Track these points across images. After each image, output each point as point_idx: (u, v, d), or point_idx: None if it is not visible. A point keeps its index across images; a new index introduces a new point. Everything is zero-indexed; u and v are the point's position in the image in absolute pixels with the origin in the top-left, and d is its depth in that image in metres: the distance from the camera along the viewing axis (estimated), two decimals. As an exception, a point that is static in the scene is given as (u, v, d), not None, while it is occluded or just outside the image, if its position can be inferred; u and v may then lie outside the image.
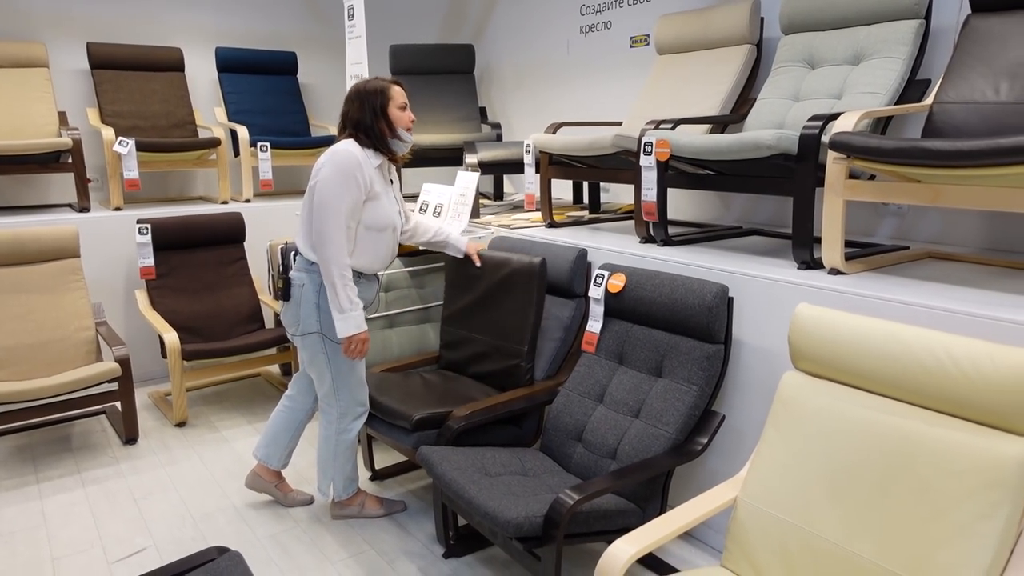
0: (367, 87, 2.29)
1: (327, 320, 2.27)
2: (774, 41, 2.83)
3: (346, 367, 2.33)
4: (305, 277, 2.27)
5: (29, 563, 2.28)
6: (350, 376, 2.35)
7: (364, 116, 2.27)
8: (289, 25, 4.90)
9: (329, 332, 2.28)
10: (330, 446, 2.40)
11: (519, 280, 2.54)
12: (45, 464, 2.97)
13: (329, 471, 2.43)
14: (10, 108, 3.75)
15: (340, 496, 2.46)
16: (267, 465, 2.56)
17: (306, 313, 2.28)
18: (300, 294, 2.27)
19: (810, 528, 1.55)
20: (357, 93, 2.29)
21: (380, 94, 2.27)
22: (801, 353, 1.71)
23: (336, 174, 2.18)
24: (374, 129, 2.27)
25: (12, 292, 3.11)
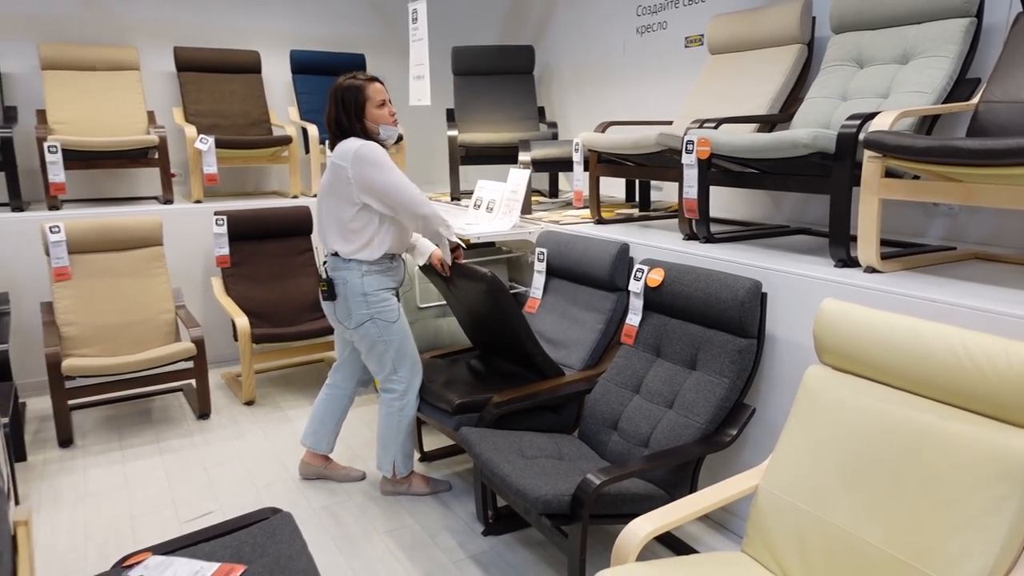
0: (344, 86, 2.37)
1: (376, 305, 2.43)
2: (825, 40, 2.83)
3: (403, 344, 2.49)
4: (346, 274, 2.43)
5: (112, 519, 2.52)
6: (406, 353, 2.51)
7: (342, 117, 2.38)
8: (358, 28, 5.13)
9: (381, 315, 2.44)
10: (392, 424, 2.55)
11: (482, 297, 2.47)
12: (128, 433, 3.25)
13: (391, 449, 2.58)
14: (106, 108, 4.08)
15: (401, 472, 2.61)
16: (316, 451, 2.74)
17: (356, 305, 2.43)
18: (345, 290, 2.43)
19: (825, 516, 1.60)
20: (333, 94, 2.39)
21: (360, 91, 2.37)
22: (825, 347, 1.75)
23: (374, 164, 2.33)
24: (353, 129, 2.39)
25: (103, 276, 3.40)
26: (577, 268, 2.75)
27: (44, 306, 3.33)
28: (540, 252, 2.93)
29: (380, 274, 2.45)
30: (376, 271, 2.44)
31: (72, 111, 3.99)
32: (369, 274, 2.43)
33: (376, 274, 2.44)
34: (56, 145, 3.66)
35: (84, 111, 4.02)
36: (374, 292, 2.43)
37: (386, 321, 2.46)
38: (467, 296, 2.57)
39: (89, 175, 4.37)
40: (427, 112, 5.44)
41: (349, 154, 2.34)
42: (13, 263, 3.57)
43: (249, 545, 1.67)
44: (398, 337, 2.49)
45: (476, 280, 2.40)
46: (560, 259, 2.84)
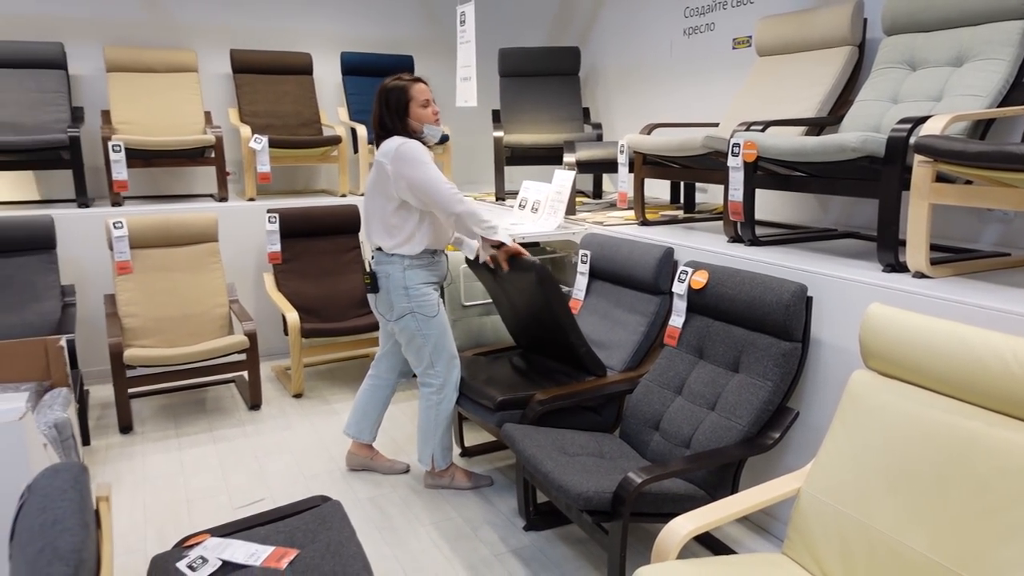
0: (388, 87, 2.47)
1: (416, 299, 2.51)
2: (876, 42, 2.80)
3: (441, 339, 2.56)
4: (388, 268, 2.50)
5: (169, 503, 2.64)
6: (444, 348, 2.57)
7: (386, 116, 2.47)
8: (406, 30, 5.22)
9: (420, 309, 2.52)
10: (431, 417, 2.62)
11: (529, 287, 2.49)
12: (184, 422, 3.38)
13: (431, 442, 2.65)
14: (166, 108, 4.25)
15: (440, 465, 2.67)
16: (359, 440, 2.82)
17: (397, 298, 2.51)
18: (388, 283, 2.51)
19: (868, 520, 1.60)
20: (380, 93, 2.48)
21: (404, 92, 2.46)
22: (871, 352, 1.75)
23: (413, 162, 2.39)
24: (396, 128, 2.48)
25: (161, 270, 3.55)
26: (621, 270, 2.77)
27: (107, 298, 3.49)
28: (584, 254, 2.96)
29: (421, 268, 2.52)
30: (417, 266, 2.51)
31: (134, 111, 4.16)
32: (411, 268, 2.50)
33: (417, 268, 2.51)
34: (120, 144, 3.82)
35: (146, 111, 4.19)
36: (415, 286, 2.50)
37: (425, 315, 2.53)
38: (513, 288, 2.61)
39: (149, 173, 4.55)
40: (473, 113, 5.51)
41: (391, 152, 2.42)
42: (79, 257, 3.75)
43: (301, 531, 1.74)
44: (436, 331, 2.55)
45: (524, 270, 2.44)
46: (604, 261, 2.87)
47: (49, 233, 3.36)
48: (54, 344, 2.45)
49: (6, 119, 3.86)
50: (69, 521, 0.85)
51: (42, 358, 2.41)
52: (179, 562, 1.62)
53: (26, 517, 0.90)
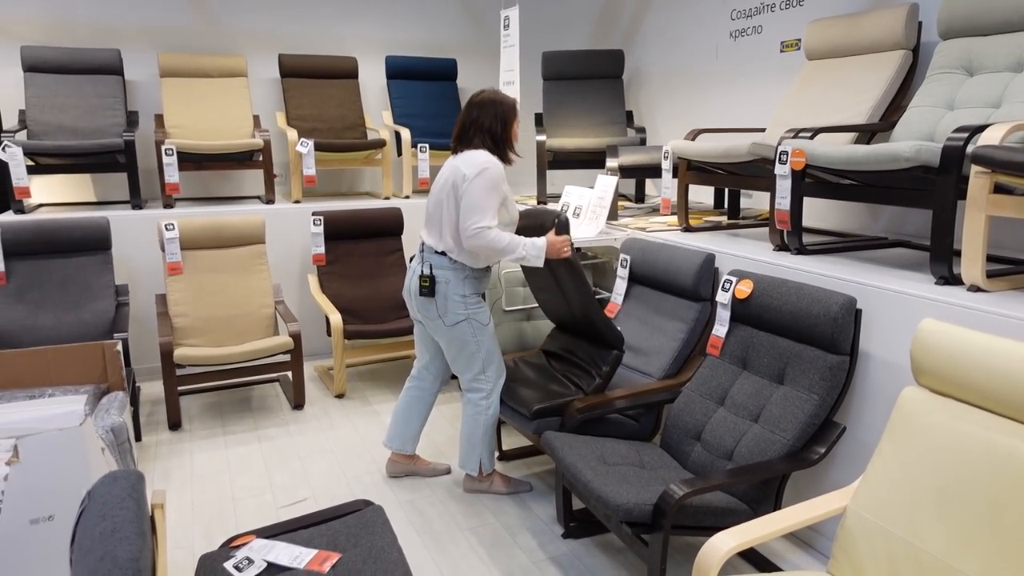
0: (502, 100, 2.51)
1: (473, 307, 2.53)
2: (932, 46, 2.72)
3: (491, 346, 2.58)
4: (449, 274, 2.51)
5: (215, 500, 2.71)
6: (494, 354, 2.60)
7: (495, 125, 2.50)
8: (450, 34, 5.26)
9: (476, 316, 2.54)
10: (479, 423, 2.63)
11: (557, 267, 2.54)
12: (230, 420, 3.46)
13: (477, 448, 2.65)
14: (216, 113, 4.35)
15: (487, 469, 2.69)
16: (403, 452, 2.84)
17: (453, 305, 2.52)
18: (446, 289, 2.52)
19: (917, 542, 1.56)
20: (493, 103, 2.50)
21: (511, 110, 2.53)
22: (922, 368, 1.70)
23: (487, 184, 2.41)
24: (501, 138, 2.51)
25: (210, 271, 3.64)
26: (661, 276, 2.75)
27: (158, 298, 3.59)
28: (624, 258, 2.94)
29: (478, 280, 2.57)
30: (475, 276, 2.55)
31: (186, 116, 4.28)
32: (469, 278, 2.53)
33: (475, 279, 2.55)
34: (172, 148, 3.93)
35: (197, 116, 4.30)
36: (471, 295, 2.54)
37: (480, 323, 2.55)
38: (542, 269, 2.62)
39: (199, 175, 4.67)
40: (515, 115, 5.51)
41: (479, 164, 2.43)
42: (132, 257, 3.87)
43: (344, 535, 1.77)
44: (488, 339, 2.58)
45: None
46: (644, 266, 2.85)
47: (105, 234, 3.48)
48: (111, 348, 2.53)
49: (66, 123, 4.01)
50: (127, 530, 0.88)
51: (100, 361, 2.50)
52: (226, 562, 1.66)
53: (86, 523, 0.94)
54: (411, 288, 2.60)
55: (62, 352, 2.50)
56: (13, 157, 3.63)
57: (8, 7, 4.15)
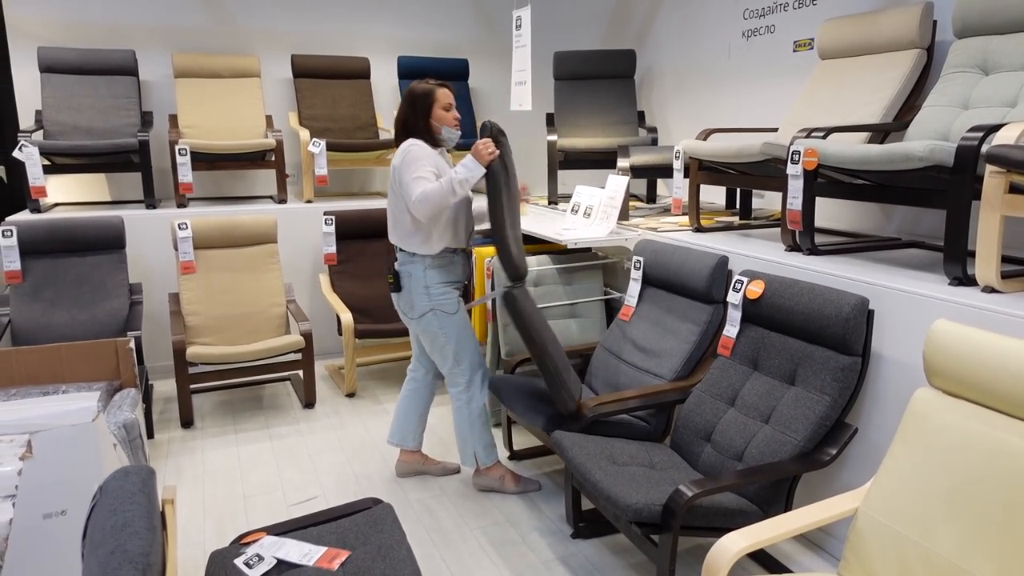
0: (415, 89, 2.54)
1: (437, 297, 2.56)
2: (946, 45, 2.70)
3: (463, 336, 2.60)
4: (411, 267, 2.56)
5: (227, 497, 2.72)
6: (467, 345, 2.62)
7: (410, 116, 2.54)
8: (462, 34, 5.26)
9: (440, 307, 2.57)
10: (464, 416, 2.66)
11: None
12: (241, 418, 3.49)
13: (469, 441, 2.68)
14: (229, 113, 4.38)
15: (484, 462, 2.69)
16: (404, 447, 2.85)
17: (417, 297, 2.57)
18: (409, 283, 2.57)
19: (929, 544, 1.55)
20: (408, 96, 2.54)
21: (428, 94, 2.53)
22: (935, 369, 1.69)
23: (408, 163, 2.45)
24: (418, 128, 2.54)
25: (223, 270, 3.66)
26: (674, 278, 2.74)
27: (171, 297, 3.62)
28: (637, 260, 2.93)
29: (441, 268, 2.58)
30: (437, 266, 2.57)
31: (199, 116, 4.31)
32: (431, 268, 2.56)
33: (437, 268, 2.57)
34: (186, 148, 3.96)
35: (210, 116, 4.33)
36: (435, 285, 2.57)
37: (446, 312, 2.58)
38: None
39: (212, 175, 4.70)
40: (527, 117, 5.52)
41: (401, 151, 2.50)
42: (146, 256, 3.90)
43: (353, 532, 1.78)
44: (456, 329, 2.60)
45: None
46: (657, 268, 2.84)
47: (119, 233, 3.51)
48: (124, 346, 2.56)
49: (81, 123, 4.04)
50: (138, 524, 0.88)
51: (113, 358, 2.52)
52: (237, 559, 1.67)
53: (98, 517, 0.95)
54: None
55: (76, 349, 2.53)
56: (30, 157, 3.67)
57: (25, 8, 4.20)
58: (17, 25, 4.20)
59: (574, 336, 3.21)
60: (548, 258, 3.24)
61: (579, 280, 3.28)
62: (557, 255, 3.27)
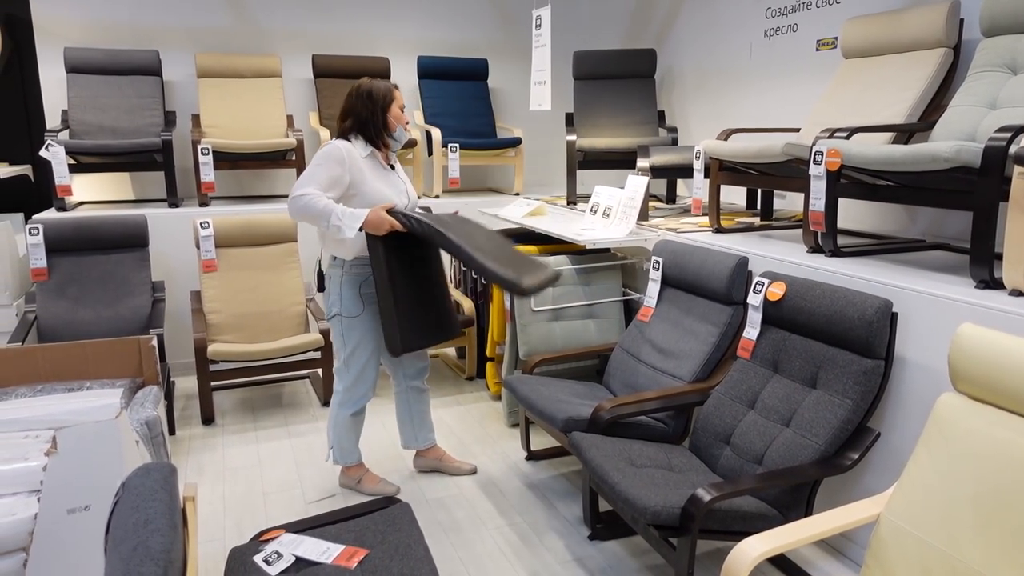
0: (377, 88, 2.51)
1: (346, 304, 2.57)
2: (973, 44, 2.66)
3: (358, 349, 2.60)
4: (332, 271, 2.60)
5: (247, 494, 2.75)
6: (359, 360, 2.62)
7: (368, 111, 2.49)
8: (481, 34, 5.27)
9: (347, 312, 2.57)
10: (333, 415, 2.70)
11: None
12: (261, 415, 3.51)
13: (331, 437, 2.72)
14: (251, 112, 4.42)
15: (339, 461, 2.74)
16: (416, 448, 2.89)
17: (331, 300, 2.60)
18: (329, 284, 2.61)
19: (954, 552, 1.52)
20: (369, 92, 2.50)
21: (388, 92, 2.52)
22: (960, 374, 1.66)
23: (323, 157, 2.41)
24: (376, 122, 2.50)
25: (244, 269, 3.69)
26: (694, 279, 2.73)
27: (193, 295, 3.66)
28: (656, 261, 2.92)
29: (357, 279, 2.56)
30: (354, 275, 2.56)
31: (222, 115, 4.35)
32: (349, 274, 2.56)
33: (354, 278, 2.56)
34: (208, 147, 4.00)
35: (232, 116, 4.37)
36: (348, 292, 2.56)
37: (348, 318, 2.57)
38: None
39: (234, 174, 4.74)
40: (546, 116, 5.51)
41: (324, 146, 2.45)
42: (168, 254, 3.94)
43: (371, 531, 1.78)
44: (355, 341, 2.59)
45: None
46: (676, 269, 2.82)
47: (143, 231, 3.55)
48: (146, 343, 2.59)
49: (106, 123, 4.10)
50: (159, 521, 0.90)
51: (135, 355, 2.55)
52: (256, 555, 1.69)
53: (120, 514, 0.96)
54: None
55: (100, 346, 2.56)
56: (56, 156, 3.73)
57: (53, 9, 4.26)
58: (44, 26, 4.27)
59: (592, 336, 3.20)
60: (566, 258, 3.23)
61: (598, 281, 3.27)
62: (576, 255, 3.27)
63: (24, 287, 3.62)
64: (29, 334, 3.20)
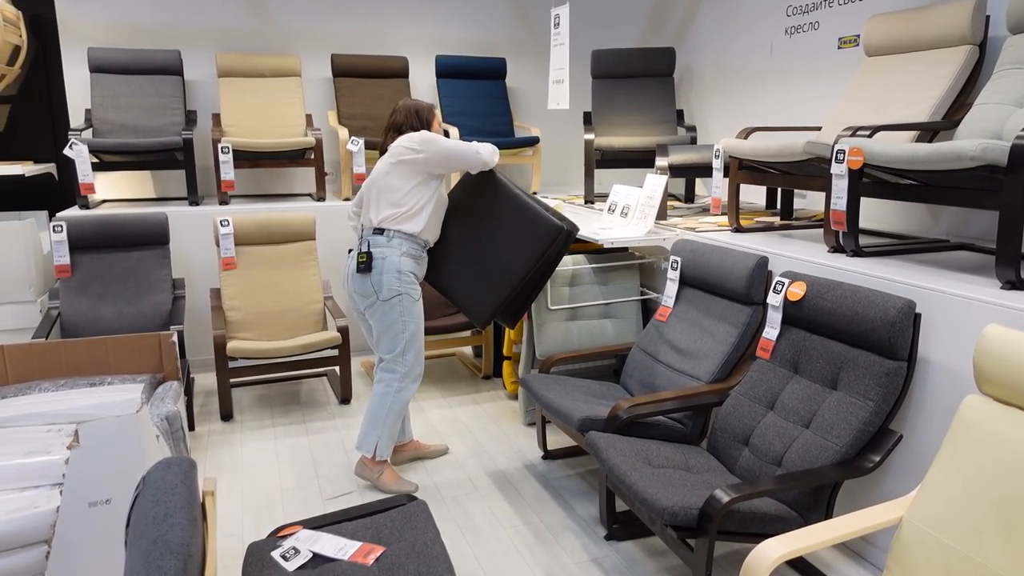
0: (422, 107, 2.80)
1: (407, 284, 2.64)
2: (1000, 41, 2.61)
3: (417, 330, 2.68)
4: (386, 250, 2.64)
5: (264, 489, 2.77)
6: (418, 339, 2.70)
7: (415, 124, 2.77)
8: (499, 33, 5.26)
9: (409, 292, 2.65)
10: (386, 404, 2.70)
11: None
12: (279, 412, 3.54)
13: (378, 429, 2.71)
14: (270, 112, 4.45)
15: (380, 455, 2.72)
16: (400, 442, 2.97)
17: (389, 278, 2.63)
18: (382, 264, 2.63)
19: (978, 557, 1.50)
20: (416, 110, 2.78)
21: (431, 112, 2.81)
22: (986, 376, 1.63)
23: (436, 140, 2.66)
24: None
25: (263, 267, 3.72)
26: (712, 279, 2.70)
27: (213, 292, 3.69)
28: (674, 260, 2.90)
29: (413, 259, 2.67)
30: (410, 255, 2.66)
31: (242, 115, 4.38)
32: (405, 256, 2.64)
33: (410, 257, 2.66)
34: (228, 146, 4.03)
35: (252, 115, 4.40)
36: (407, 272, 2.64)
37: (412, 298, 2.66)
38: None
39: (253, 173, 4.78)
40: (564, 115, 5.50)
41: (416, 138, 2.66)
42: (188, 252, 3.98)
43: (388, 528, 1.79)
44: (415, 320, 2.68)
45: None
46: (695, 268, 2.80)
47: (164, 229, 3.59)
48: (167, 339, 2.61)
49: (128, 122, 4.15)
50: (179, 516, 0.90)
51: (156, 352, 2.58)
52: (273, 551, 1.70)
53: (141, 508, 0.97)
54: (349, 271, 2.73)
55: (121, 342, 2.59)
56: (79, 155, 3.77)
57: (77, 11, 4.32)
58: (69, 26, 4.32)
59: (609, 336, 3.19)
60: (584, 257, 3.22)
61: (615, 280, 3.25)
62: (593, 254, 3.25)
63: (48, 284, 3.67)
64: (52, 330, 3.24)
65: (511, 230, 2.70)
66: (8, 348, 2.50)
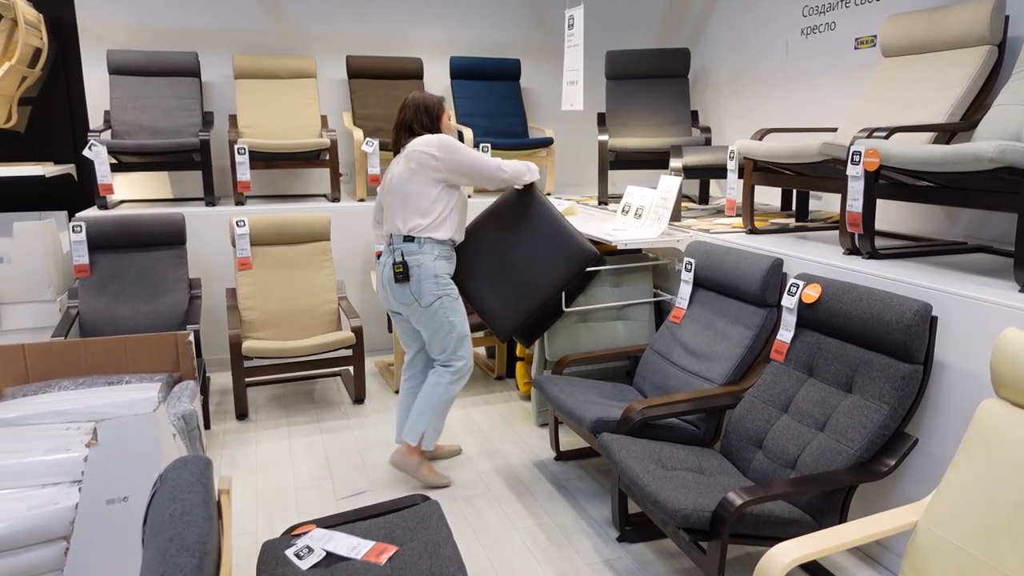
0: (430, 101, 2.76)
1: (445, 287, 2.67)
2: (1019, 41, 2.59)
3: (462, 325, 2.72)
4: (420, 257, 2.64)
5: (278, 488, 2.79)
6: (466, 334, 2.74)
7: (425, 121, 2.73)
8: (514, 34, 5.27)
9: (448, 293, 2.67)
10: (437, 395, 2.72)
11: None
12: (293, 411, 3.56)
13: (427, 418, 2.73)
14: (286, 113, 4.48)
15: (426, 446, 2.75)
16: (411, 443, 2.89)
17: (428, 285, 2.64)
18: (419, 272, 2.64)
19: (994, 563, 1.48)
20: (425, 106, 2.74)
21: (440, 104, 2.77)
22: (1003, 380, 1.62)
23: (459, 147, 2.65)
24: (432, 131, 2.74)
25: (278, 267, 3.74)
26: (726, 280, 2.70)
27: (228, 292, 3.72)
28: (688, 262, 2.89)
29: (445, 260, 2.70)
30: (443, 257, 2.69)
31: (258, 116, 4.42)
32: (439, 259, 2.67)
33: (443, 259, 2.69)
34: (244, 147, 4.06)
35: (268, 116, 4.43)
36: (443, 275, 2.67)
37: (452, 298, 2.70)
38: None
39: (269, 174, 4.82)
40: (578, 116, 5.50)
41: (434, 143, 2.65)
42: (205, 252, 4.02)
43: (401, 528, 1.80)
44: (460, 317, 2.72)
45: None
46: (709, 270, 2.79)
47: (180, 229, 3.62)
48: (184, 339, 2.64)
49: (146, 123, 4.19)
50: (195, 513, 0.91)
51: (173, 351, 2.60)
52: (287, 550, 1.71)
53: (158, 505, 0.98)
54: (385, 279, 2.73)
55: (139, 341, 2.62)
56: (98, 156, 3.82)
57: (97, 13, 4.37)
58: (89, 29, 4.38)
59: (622, 338, 3.19)
60: (598, 259, 3.22)
61: (629, 281, 3.25)
62: (607, 256, 3.25)
63: (67, 283, 3.72)
64: (71, 329, 3.29)
65: (545, 250, 2.74)
66: (28, 347, 2.54)
